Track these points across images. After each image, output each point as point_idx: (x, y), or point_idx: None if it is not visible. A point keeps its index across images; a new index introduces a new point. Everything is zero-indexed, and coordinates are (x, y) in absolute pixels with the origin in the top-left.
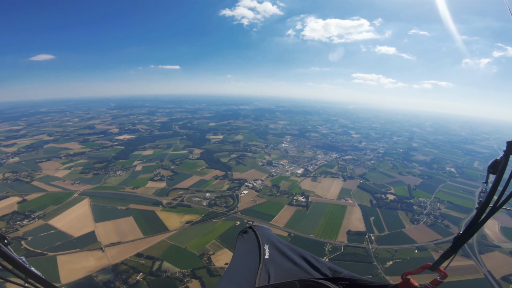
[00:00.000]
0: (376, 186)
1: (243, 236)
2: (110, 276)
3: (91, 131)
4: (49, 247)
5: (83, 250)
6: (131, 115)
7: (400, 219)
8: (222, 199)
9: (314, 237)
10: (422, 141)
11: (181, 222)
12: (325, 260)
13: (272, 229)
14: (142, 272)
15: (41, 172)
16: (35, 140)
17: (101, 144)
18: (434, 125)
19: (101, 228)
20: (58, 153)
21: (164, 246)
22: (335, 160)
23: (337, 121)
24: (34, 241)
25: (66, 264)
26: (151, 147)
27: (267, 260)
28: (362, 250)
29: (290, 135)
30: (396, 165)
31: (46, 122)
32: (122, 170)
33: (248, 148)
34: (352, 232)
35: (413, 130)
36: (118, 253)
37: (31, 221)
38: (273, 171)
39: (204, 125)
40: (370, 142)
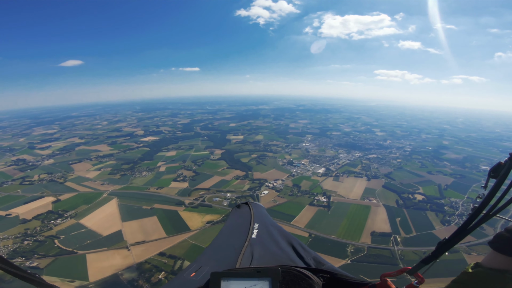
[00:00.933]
0: (403, 185)
1: (236, 210)
2: (135, 275)
3: (119, 133)
4: (80, 246)
5: (111, 249)
6: (155, 117)
7: (430, 220)
8: (242, 199)
9: (336, 238)
10: (454, 139)
11: (202, 222)
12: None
13: (292, 229)
14: (164, 271)
15: (73, 173)
16: (68, 143)
17: (127, 146)
18: (466, 121)
19: (127, 227)
20: (89, 155)
21: (186, 245)
22: (358, 159)
23: (359, 119)
24: (66, 239)
25: (94, 262)
26: (174, 148)
27: (253, 239)
28: (386, 252)
29: (311, 134)
30: (425, 163)
31: (77, 125)
32: (147, 170)
33: (269, 148)
34: (377, 233)
35: (443, 127)
36: (142, 252)
37: (64, 220)
38: (293, 171)
39: (225, 125)
40: (395, 140)
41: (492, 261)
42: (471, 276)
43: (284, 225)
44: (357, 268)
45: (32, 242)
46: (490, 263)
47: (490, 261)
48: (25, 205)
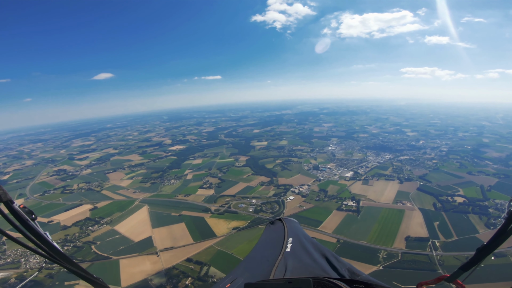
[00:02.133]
0: (440, 187)
1: (270, 226)
2: (163, 280)
3: (148, 143)
4: (114, 251)
5: (141, 254)
6: (181, 127)
7: (472, 224)
8: (268, 205)
9: (366, 243)
10: (494, 136)
11: (228, 228)
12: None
13: (320, 235)
14: (190, 277)
15: (108, 182)
16: (103, 153)
17: (157, 155)
18: (507, 117)
19: (157, 233)
20: (122, 164)
21: (212, 251)
22: (388, 161)
23: (387, 119)
24: (102, 245)
25: (127, 268)
26: (200, 156)
27: (287, 253)
28: (424, 257)
29: (337, 137)
30: (464, 164)
31: (111, 136)
32: (175, 178)
33: (293, 153)
34: (412, 238)
35: (481, 124)
36: (170, 258)
37: (100, 226)
38: (319, 176)
39: (248, 132)
40: (429, 140)
41: None
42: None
43: (310, 231)
44: (391, 275)
45: (71, 247)
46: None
47: None
48: (66, 212)
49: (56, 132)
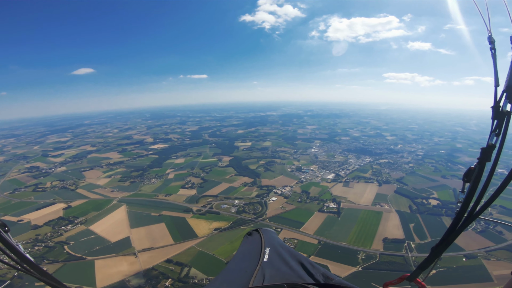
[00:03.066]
0: (416, 190)
1: (248, 237)
2: (141, 281)
3: (129, 141)
4: (88, 252)
5: (118, 255)
6: (164, 125)
7: (445, 226)
8: (250, 206)
9: (346, 244)
10: (467, 141)
11: (210, 229)
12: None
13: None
14: (170, 278)
15: (84, 180)
16: (80, 150)
17: (137, 154)
18: (480, 123)
19: (135, 233)
20: (100, 162)
21: (193, 252)
22: (368, 164)
23: (369, 123)
24: (75, 245)
25: (103, 268)
26: (182, 156)
27: (265, 262)
28: (400, 259)
29: (319, 140)
30: (438, 167)
31: (89, 133)
32: (156, 178)
33: (277, 155)
34: (389, 240)
35: (456, 129)
36: (149, 259)
37: (74, 226)
38: (302, 177)
39: (232, 132)
40: (407, 144)
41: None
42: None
43: (292, 232)
44: (369, 276)
45: (43, 247)
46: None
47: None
48: (37, 211)
49: (31, 127)
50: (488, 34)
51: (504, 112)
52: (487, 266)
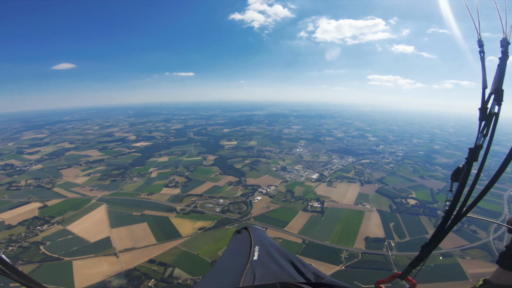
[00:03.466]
0: (396, 190)
1: (237, 235)
2: (123, 282)
3: (110, 138)
4: (66, 252)
5: (98, 255)
6: (147, 123)
7: (423, 225)
8: (235, 205)
9: (330, 243)
10: (444, 143)
11: (194, 229)
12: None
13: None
14: (154, 278)
15: (62, 178)
16: (57, 147)
17: (119, 151)
18: (457, 126)
19: (116, 233)
20: (78, 160)
21: (177, 252)
22: (351, 164)
23: (352, 124)
24: (52, 246)
25: (81, 269)
26: (166, 154)
27: (255, 261)
28: (381, 257)
29: (305, 140)
30: (417, 168)
31: (68, 130)
32: (138, 176)
33: (262, 154)
34: (370, 239)
35: (434, 132)
36: (131, 259)
37: (50, 226)
38: (287, 177)
39: (218, 131)
40: (388, 145)
41: (500, 277)
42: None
43: (277, 231)
44: (352, 274)
45: (17, 248)
46: (499, 279)
47: (498, 277)
48: (11, 210)
49: (6, 123)
50: (478, 37)
51: (492, 114)
52: (462, 264)
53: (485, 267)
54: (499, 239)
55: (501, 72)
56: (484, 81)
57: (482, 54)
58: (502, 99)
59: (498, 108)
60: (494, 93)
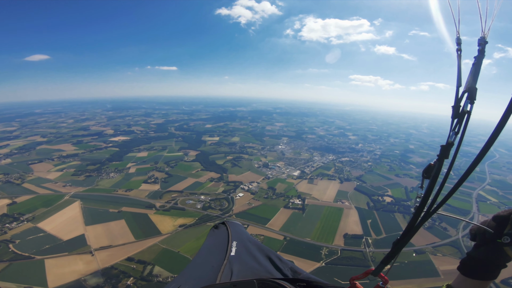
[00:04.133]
0: (373, 188)
1: (214, 231)
2: (99, 281)
3: (86, 132)
4: (37, 251)
5: (72, 254)
6: (127, 117)
7: (398, 222)
8: (217, 202)
9: (310, 240)
10: (419, 143)
11: (174, 226)
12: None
13: (268, 232)
14: (132, 277)
15: (32, 174)
16: (28, 141)
17: (95, 146)
18: (430, 127)
19: (91, 231)
20: (50, 154)
21: (156, 250)
22: (332, 162)
23: (334, 122)
24: (22, 244)
25: (54, 268)
26: (145, 149)
27: (232, 257)
28: (359, 254)
29: (287, 137)
30: (393, 167)
31: (40, 123)
32: (115, 172)
33: (244, 150)
34: (349, 236)
35: (409, 132)
36: (108, 257)
37: (19, 224)
38: (269, 173)
39: (200, 126)
40: (367, 143)
41: (461, 284)
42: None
43: (259, 228)
44: (332, 271)
45: None
46: (460, 285)
47: (460, 284)
48: None
49: None
50: (457, 35)
51: (464, 112)
52: (434, 261)
53: (455, 263)
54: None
55: (476, 71)
56: (459, 79)
57: (459, 52)
58: (475, 98)
59: (470, 106)
60: (468, 91)
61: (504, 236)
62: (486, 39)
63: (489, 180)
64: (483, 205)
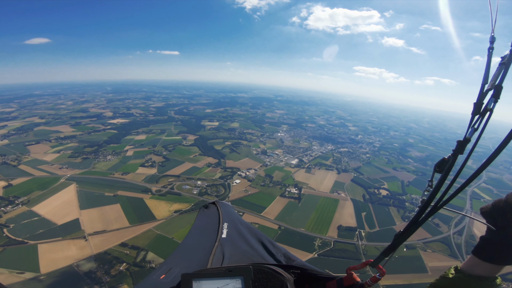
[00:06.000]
0: (370, 180)
1: (204, 211)
2: (92, 266)
3: (84, 114)
4: (31, 235)
5: (66, 239)
6: (126, 99)
7: (392, 216)
8: (213, 188)
9: (305, 231)
10: (419, 137)
11: (170, 211)
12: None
13: (263, 221)
14: (125, 262)
15: (29, 155)
16: (26, 122)
17: (93, 128)
18: (432, 122)
19: (86, 215)
20: (48, 136)
21: (151, 235)
22: (330, 152)
23: (334, 112)
24: (16, 228)
25: (47, 253)
26: (144, 132)
27: (223, 239)
28: (351, 247)
29: (287, 125)
30: (391, 160)
31: (39, 104)
32: (112, 154)
33: (243, 136)
34: (343, 228)
35: (410, 125)
36: (101, 242)
37: (14, 207)
38: (267, 161)
39: (200, 111)
40: (366, 135)
41: (475, 267)
42: (450, 281)
43: (254, 216)
44: (324, 262)
45: None
46: (472, 269)
47: (472, 267)
48: None
49: None
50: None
51: (487, 109)
52: (423, 257)
53: (444, 260)
54: (459, 233)
55: (505, 70)
56: (486, 76)
57: (491, 50)
58: (499, 96)
59: (493, 104)
60: (493, 89)
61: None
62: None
63: (485, 178)
64: (476, 202)
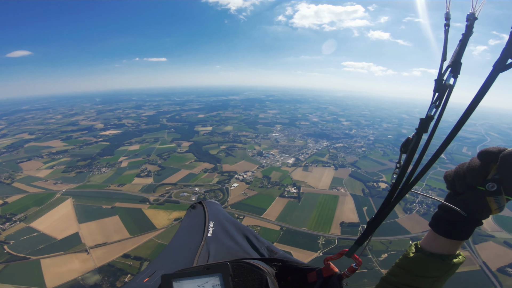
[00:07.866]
0: (368, 174)
1: (191, 211)
2: (97, 279)
3: (75, 127)
4: (32, 251)
5: (67, 253)
6: (117, 110)
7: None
8: (211, 193)
9: (307, 230)
10: (411, 128)
11: (169, 219)
12: (266, 240)
13: (264, 223)
14: (129, 273)
15: (21, 172)
16: (16, 139)
17: (85, 141)
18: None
19: (85, 229)
20: (39, 152)
21: (152, 245)
22: (326, 148)
23: (327, 109)
24: (16, 245)
25: (51, 268)
26: (137, 142)
27: (209, 238)
28: None
29: (280, 124)
30: (386, 152)
31: (27, 120)
32: (106, 167)
33: (238, 139)
34: (346, 224)
35: (402, 117)
36: (104, 255)
37: (12, 224)
38: (263, 162)
39: (193, 117)
40: (360, 129)
41: (432, 243)
42: (411, 261)
43: (255, 219)
44: None
45: None
46: (431, 246)
47: (430, 243)
48: None
49: None
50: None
51: (447, 85)
52: None
53: None
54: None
55: (462, 46)
56: (444, 53)
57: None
58: (459, 72)
59: (454, 80)
60: (452, 66)
61: (488, 182)
62: (476, 16)
63: None
64: None
